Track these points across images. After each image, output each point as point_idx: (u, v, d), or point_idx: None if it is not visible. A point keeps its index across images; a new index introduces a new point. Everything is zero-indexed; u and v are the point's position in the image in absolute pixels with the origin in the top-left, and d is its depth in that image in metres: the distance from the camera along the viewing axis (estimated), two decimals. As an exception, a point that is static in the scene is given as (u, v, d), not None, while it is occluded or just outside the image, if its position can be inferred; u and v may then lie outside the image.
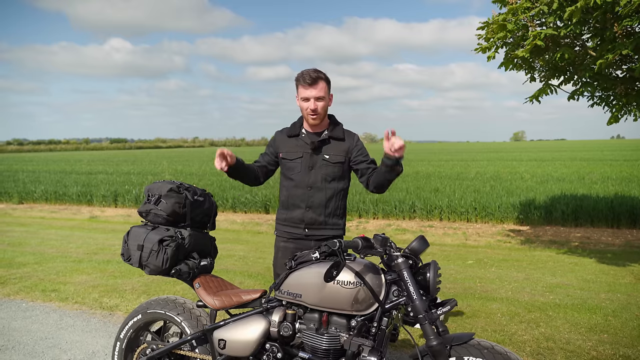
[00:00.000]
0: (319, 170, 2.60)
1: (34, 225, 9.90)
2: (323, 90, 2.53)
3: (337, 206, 2.65)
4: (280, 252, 2.69)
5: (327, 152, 2.61)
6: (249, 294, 2.31)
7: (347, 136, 2.66)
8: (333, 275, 1.86)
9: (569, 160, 25.75)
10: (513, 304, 4.40)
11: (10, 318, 4.03)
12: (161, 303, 2.47)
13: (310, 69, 2.54)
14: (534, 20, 4.89)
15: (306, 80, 2.49)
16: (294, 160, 2.64)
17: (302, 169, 2.61)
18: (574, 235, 8.98)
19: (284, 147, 2.68)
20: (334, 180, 2.62)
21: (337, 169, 2.61)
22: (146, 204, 2.44)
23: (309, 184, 2.60)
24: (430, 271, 2.02)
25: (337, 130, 2.65)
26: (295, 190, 2.63)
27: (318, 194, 2.60)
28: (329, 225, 2.64)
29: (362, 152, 2.65)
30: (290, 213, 2.65)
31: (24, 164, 31.19)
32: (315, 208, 2.60)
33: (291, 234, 2.65)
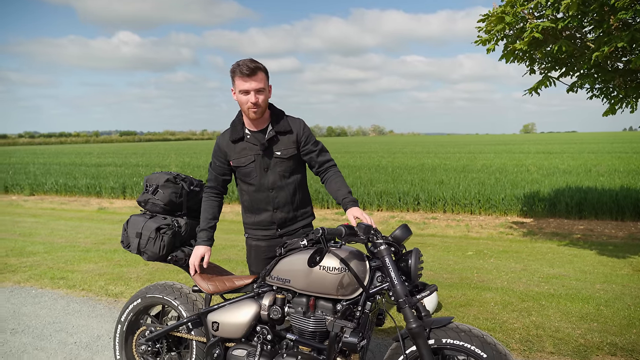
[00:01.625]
0: (275, 169, 2.48)
1: (44, 216, 10.13)
2: (263, 82, 2.35)
3: (302, 197, 2.60)
4: (253, 250, 2.62)
5: (277, 148, 2.48)
6: (242, 280, 2.42)
7: (292, 126, 2.51)
8: (316, 261, 1.97)
9: (577, 153, 25.55)
10: (507, 293, 4.49)
11: (21, 304, 4.21)
12: (159, 288, 2.60)
13: (246, 59, 2.35)
14: (533, 13, 4.92)
15: (244, 71, 2.30)
16: (247, 165, 2.48)
17: (257, 172, 2.48)
18: (577, 227, 9.00)
19: (233, 154, 2.50)
20: (292, 174, 2.53)
21: (291, 162, 2.51)
22: (144, 194, 2.56)
23: (270, 186, 2.49)
24: (412, 258, 2.12)
25: (282, 122, 2.49)
26: (257, 195, 2.52)
27: (282, 193, 2.51)
28: (298, 217, 2.60)
29: (310, 140, 2.53)
30: (258, 217, 2.55)
31: (35, 157, 31.66)
32: (282, 207, 2.53)
33: (264, 236, 2.58)
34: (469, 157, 23.74)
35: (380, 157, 25.65)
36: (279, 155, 2.49)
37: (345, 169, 17.61)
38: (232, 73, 2.38)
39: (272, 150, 2.48)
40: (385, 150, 35.89)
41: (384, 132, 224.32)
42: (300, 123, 2.56)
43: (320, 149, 2.58)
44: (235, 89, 2.40)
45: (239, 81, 2.35)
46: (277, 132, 2.49)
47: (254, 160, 2.48)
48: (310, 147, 2.55)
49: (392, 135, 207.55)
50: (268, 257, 2.58)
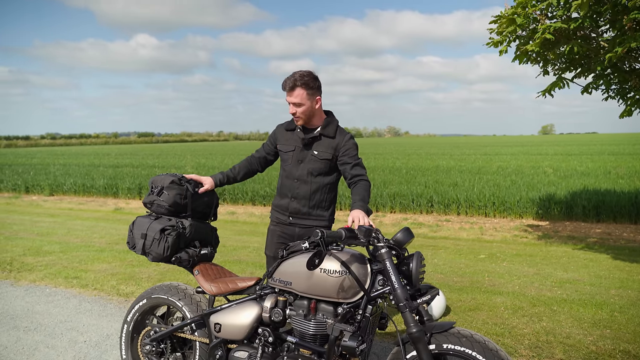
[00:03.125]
0: (307, 164, 2.74)
1: (62, 216, 10.34)
2: (299, 97, 2.64)
3: (322, 199, 2.79)
4: (269, 234, 2.90)
5: (316, 148, 2.74)
6: (245, 282, 2.44)
7: (338, 134, 2.75)
8: (315, 264, 1.97)
9: (596, 155, 25.02)
10: (518, 298, 4.42)
11: (34, 302, 4.31)
12: (164, 289, 2.64)
13: (293, 74, 2.66)
14: (544, 14, 4.84)
15: (285, 88, 2.66)
16: (287, 152, 2.81)
17: (292, 161, 2.78)
18: (594, 231, 8.82)
19: (281, 140, 2.86)
20: (320, 175, 2.75)
21: (323, 164, 2.74)
22: (150, 195, 2.59)
23: (296, 177, 2.76)
24: (413, 262, 2.10)
25: (330, 128, 2.75)
26: (285, 180, 2.82)
27: (303, 187, 2.75)
28: (312, 216, 2.79)
29: (349, 153, 2.72)
30: (280, 200, 2.85)
31: (56, 158, 32.36)
32: (299, 199, 2.76)
33: (279, 220, 2.85)
34: (484, 159, 23.46)
35: (395, 158, 25.52)
36: (315, 154, 2.73)
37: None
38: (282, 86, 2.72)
39: (312, 148, 2.74)
40: (400, 151, 35.70)
41: (400, 133, 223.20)
42: (346, 136, 2.76)
43: (356, 164, 2.71)
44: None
45: (285, 93, 2.69)
46: (322, 134, 2.74)
47: (294, 150, 2.77)
48: (346, 158, 2.71)
49: (408, 136, 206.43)
50: (280, 242, 2.83)
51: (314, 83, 2.68)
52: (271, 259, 2.89)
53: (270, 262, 2.91)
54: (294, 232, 2.82)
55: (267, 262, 2.94)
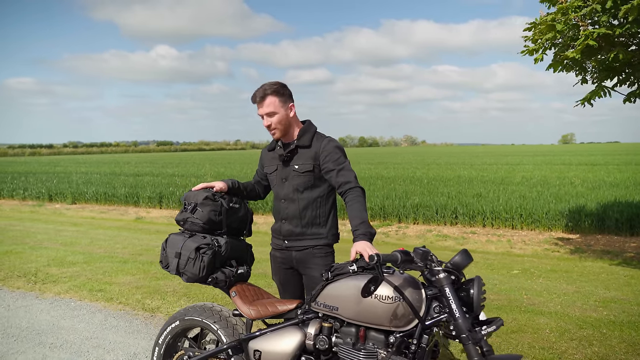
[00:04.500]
0: (291, 181, 2.55)
1: (84, 225, 10.38)
2: (272, 106, 2.46)
3: (314, 215, 2.54)
4: (272, 260, 2.71)
5: (296, 162, 2.54)
6: (285, 305, 2.28)
7: (315, 141, 2.53)
8: (370, 290, 1.81)
9: (623, 165, 24.32)
10: (563, 319, 4.16)
11: (60, 317, 4.22)
12: (198, 310, 2.49)
13: (262, 86, 2.50)
14: (585, 20, 4.63)
15: (254, 100, 2.51)
16: (272, 173, 2.66)
17: (277, 181, 2.62)
18: (629, 245, 8.44)
19: (265, 162, 2.72)
20: (307, 189, 2.53)
21: (307, 178, 2.51)
22: (183, 212, 2.47)
23: (282, 196, 2.58)
24: (474, 287, 1.93)
25: (305, 137, 2.54)
26: (275, 203, 2.65)
27: (291, 206, 2.54)
28: (308, 235, 2.54)
29: (330, 158, 2.46)
30: (275, 225, 2.67)
31: (78, 166, 32.90)
32: (290, 220, 2.55)
33: (276, 244, 2.66)
34: (506, 169, 22.99)
35: (415, 168, 25.21)
36: (296, 168, 2.54)
37: (379, 180, 17.35)
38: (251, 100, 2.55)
39: (292, 163, 2.56)
40: (419, 161, 35.33)
41: (417, 142, 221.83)
42: (323, 141, 2.53)
43: (341, 169, 2.44)
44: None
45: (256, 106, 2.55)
46: (298, 146, 2.55)
47: (276, 169, 2.62)
48: (329, 165, 2.46)
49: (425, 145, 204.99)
50: (284, 269, 2.64)
51: (284, 90, 2.50)
52: (279, 285, 2.71)
53: (280, 288, 2.72)
54: (291, 257, 2.57)
55: (277, 288, 2.75)
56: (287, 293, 2.66)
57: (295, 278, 2.65)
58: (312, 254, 2.53)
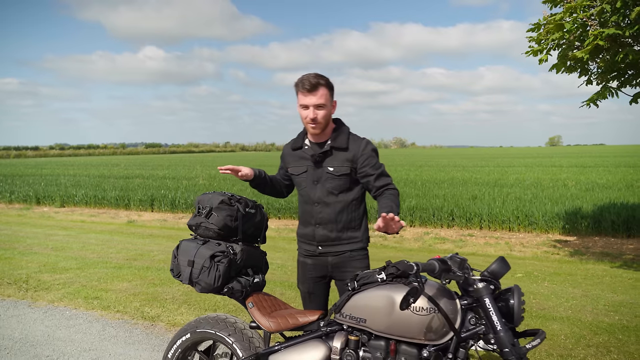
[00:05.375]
0: (325, 184, 2.40)
1: (75, 229, 10.10)
2: (324, 97, 2.30)
3: (350, 219, 2.42)
4: (300, 266, 2.56)
5: (330, 163, 2.39)
6: (306, 316, 2.14)
7: (351, 144, 2.40)
8: (410, 303, 1.68)
9: (612, 167, 24.56)
10: (576, 324, 4.07)
11: (55, 327, 4.02)
12: (211, 322, 2.34)
13: (310, 73, 2.32)
14: (596, 19, 4.57)
15: (305, 86, 2.28)
16: (299, 175, 2.49)
17: (307, 184, 2.45)
18: (626, 247, 8.44)
19: (291, 162, 2.55)
20: (342, 192, 2.40)
21: (342, 181, 2.39)
22: (196, 217, 2.31)
23: (316, 200, 2.42)
24: (514, 297, 1.81)
25: (340, 138, 2.40)
26: (305, 206, 2.49)
27: (326, 210, 2.40)
28: (344, 240, 2.43)
29: (369, 163, 2.36)
30: (304, 229, 2.51)
31: (66, 168, 32.31)
32: (325, 224, 2.41)
33: (307, 251, 2.51)
34: (499, 171, 23.07)
35: (407, 170, 25.19)
36: (330, 170, 2.40)
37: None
38: (296, 87, 2.35)
39: (325, 164, 2.41)
40: (410, 163, 35.35)
41: (406, 144, 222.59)
42: (360, 143, 2.40)
43: (379, 174, 2.35)
44: (298, 103, 2.38)
45: (300, 95, 2.34)
46: (333, 147, 2.40)
47: (306, 171, 2.45)
48: (367, 169, 2.36)
49: (415, 147, 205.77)
50: (314, 277, 2.49)
51: (332, 85, 2.37)
52: (305, 294, 2.57)
53: (304, 296, 2.58)
54: (326, 263, 2.45)
55: (302, 297, 2.62)
56: (313, 303, 2.53)
57: (324, 288, 2.53)
58: (349, 257, 2.42)
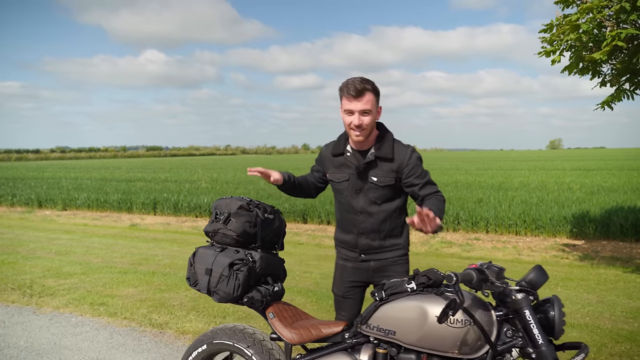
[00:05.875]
0: (367, 193, 2.32)
1: (78, 232, 10.01)
2: (370, 103, 2.21)
3: (392, 227, 2.36)
4: (339, 270, 2.51)
5: (374, 174, 2.30)
6: (330, 327, 2.04)
7: (396, 153, 2.29)
8: (448, 316, 1.58)
9: (616, 170, 24.46)
10: (595, 332, 3.97)
11: (61, 334, 3.91)
12: (228, 333, 2.24)
13: (356, 77, 2.22)
14: (614, 19, 4.48)
15: (350, 92, 2.18)
16: (340, 182, 2.40)
17: (349, 192, 2.36)
18: (636, 251, 8.34)
19: (330, 167, 2.46)
20: (385, 202, 2.33)
21: (386, 191, 2.31)
22: (214, 223, 2.21)
23: (359, 210, 2.34)
24: (554, 309, 1.72)
25: (385, 147, 2.30)
26: (345, 214, 2.42)
27: (369, 220, 2.33)
28: (386, 247, 2.38)
29: (415, 172, 2.27)
30: (345, 235, 2.45)
31: (67, 171, 32.24)
32: (368, 234, 2.35)
33: (348, 257, 2.47)
34: (502, 174, 22.98)
35: (410, 173, 25.06)
36: (374, 181, 2.31)
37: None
38: (340, 91, 2.27)
39: (368, 174, 2.31)
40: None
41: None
42: (406, 152, 2.30)
43: (425, 183, 2.26)
44: (341, 107, 2.29)
45: (345, 100, 2.25)
46: (377, 157, 2.30)
47: (348, 179, 2.36)
48: (412, 179, 2.28)
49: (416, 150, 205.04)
50: (351, 281, 2.44)
51: (378, 90, 2.28)
52: (339, 298, 2.50)
53: (338, 301, 2.51)
54: (368, 267, 2.41)
55: (335, 300, 2.54)
56: (344, 310, 2.47)
57: (360, 294, 2.48)
58: (392, 262, 2.38)
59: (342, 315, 2.46)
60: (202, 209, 12.71)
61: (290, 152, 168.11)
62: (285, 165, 41.37)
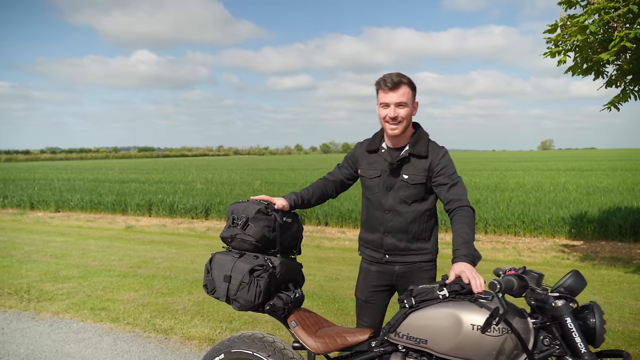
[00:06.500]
0: (397, 191, 2.29)
1: (72, 234, 9.84)
2: (405, 96, 2.19)
3: (421, 229, 2.31)
4: (362, 274, 2.46)
5: (406, 171, 2.28)
6: (355, 335, 1.97)
7: (430, 152, 2.27)
8: (493, 325, 1.51)
9: (610, 170, 24.66)
10: (607, 335, 3.93)
11: (63, 341, 3.79)
12: (247, 341, 2.15)
13: (392, 72, 2.22)
14: (622, 20, 4.46)
15: (387, 84, 2.18)
16: (372, 179, 2.36)
17: (379, 189, 2.33)
18: (635, 252, 8.36)
19: (363, 164, 2.41)
20: (415, 202, 2.29)
21: (417, 190, 2.27)
22: (231, 228, 2.12)
23: (387, 207, 2.30)
24: (595, 316, 1.65)
25: (420, 145, 2.28)
26: (373, 212, 2.37)
27: (397, 218, 2.29)
28: (412, 250, 2.32)
29: (445, 172, 2.22)
30: (370, 235, 2.40)
31: (59, 172, 31.85)
32: (394, 233, 2.31)
33: (372, 257, 2.41)
34: (497, 175, 23.05)
35: (405, 174, 25.07)
36: (405, 178, 2.28)
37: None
38: (377, 85, 2.26)
39: (400, 172, 2.29)
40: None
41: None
42: (439, 151, 2.28)
43: (453, 184, 2.20)
44: (377, 102, 2.28)
45: (381, 93, 2.24)
46: (411, 154, 2.27)
47: (380, 176, 2.33)
48: (441, 179, 2.22)
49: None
50: (376, 285, 2.39)
51: (415, 85, 2.27)
52: (362, 303, 2.43)
53: (361, 306, 2.44)
54: (392, 271, 2.35)
55: (357, 305, 2.48)
56: (366, 316, 2.41)
57: (384, 299, 2.41)
58: (418, 267, 2.32)
59: (363, 322, 2.40)
60: (198, 210, 12.58)
61: (283, 153, 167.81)
62: (279, 166, 41.22)
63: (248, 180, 21.23)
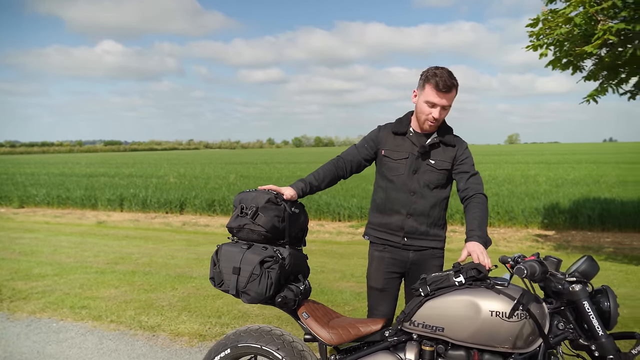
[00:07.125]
0: (422, 175, 2.32)
1: (41, 231, 9.43)
2: (452, 100, 2.27)
3: (439, 216, 2.37)
4: (375, 262, 2.43)
5: (434, 156, 2.34)
6: (368, 325, 1.93)
7: (457, 143, 2.39)
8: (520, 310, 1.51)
9: (575, 163, 25.61)
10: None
11: (44, 342, 3.60)
12: (254, 335, 2.08)
13: (444, 70, 2.21)
14: (605, 14, 4.57)
15: (440, 87, 2.18)
16: (397, 160, 2.36)
17: (405, 171, 2.34)
18: (604, 240, 8.70)
19: (388, 144, 2.40)
20: (437, 187, 2.34)
21: (441, 175, 2.34)
22: (239, 218, 2.04)
23: (412, 189, 2.32)
24: (609, 299, 1.68)
25: (448, 135, 2.37)
26: (396, 194, 2.36)
27: (421, 201, 2.32)
28: (430, 236, 2.36)
29: (468, 162, 2.35)
30: (388, 218, 2.38)
31: (20, 167, 30.53)
32: (417, 216, 2.33)
33: (387, 242, 2.39)
34: (469, 168, 23.53)
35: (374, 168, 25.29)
36: (432, 163, 2.32)
37: (339, 183, 17.15)
38: (426, 79, 2.24)
39: (429, 156, 2.33)
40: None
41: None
42: (463, 143, 2.41)
43: (473, 174, 2.31)
44: (421, 94, 2.27)
45: (430, 91, 2.22)
46: (441, 141, 2.35)
47: (407, 158, 2.34)
48: (464, 167, 2.34)
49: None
50: (389, 272, 2.38)
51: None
52: (377, 292, 2.40)
53: (376, 295, 2.41)
54: (407, 257, 2.35)
55: (371, 295, 2.44)
56: (381, 305, 2.37)
57: (397, 286, 2.41)
58: (430, 255, 2.35)
59: (378, 311, 2.37)
60: (173, 205, 12.30)
61: (255, 147, 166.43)
62: (252, 159, 40.83)
63: (222, 174, 20.92)
